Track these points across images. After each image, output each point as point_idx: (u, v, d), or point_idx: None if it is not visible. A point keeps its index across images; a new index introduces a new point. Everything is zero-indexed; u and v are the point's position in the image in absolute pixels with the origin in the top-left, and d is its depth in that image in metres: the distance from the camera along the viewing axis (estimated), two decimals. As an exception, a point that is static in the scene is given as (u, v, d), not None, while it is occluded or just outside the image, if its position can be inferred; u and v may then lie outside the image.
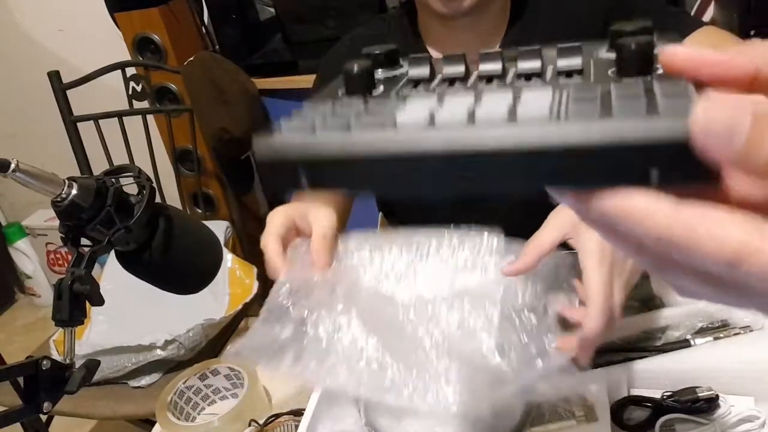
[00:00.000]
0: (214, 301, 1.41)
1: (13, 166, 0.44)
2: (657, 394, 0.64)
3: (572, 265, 0.57)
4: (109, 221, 0.49)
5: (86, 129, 1.56)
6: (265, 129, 0.23)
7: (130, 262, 0.53)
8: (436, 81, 0.28)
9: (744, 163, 0.19)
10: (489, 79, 0.27)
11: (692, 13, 1.46)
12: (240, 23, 1.76)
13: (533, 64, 0.26)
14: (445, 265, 0.60)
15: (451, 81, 0.27)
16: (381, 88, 0.28)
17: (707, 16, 1.43)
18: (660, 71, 0.23)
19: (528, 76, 0.26)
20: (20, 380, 0.50)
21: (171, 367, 1.28)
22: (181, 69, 1.56)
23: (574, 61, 0.26)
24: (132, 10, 1.68)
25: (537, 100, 0.22)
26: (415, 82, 0.28)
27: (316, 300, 0.55)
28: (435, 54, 0.92)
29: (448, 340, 0.52)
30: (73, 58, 2.01)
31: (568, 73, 0.26)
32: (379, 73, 0.29)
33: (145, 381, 1.26)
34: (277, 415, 0.75)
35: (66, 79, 1.53)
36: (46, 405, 0.50)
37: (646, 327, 0.71)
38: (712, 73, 0.21)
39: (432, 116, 0.22)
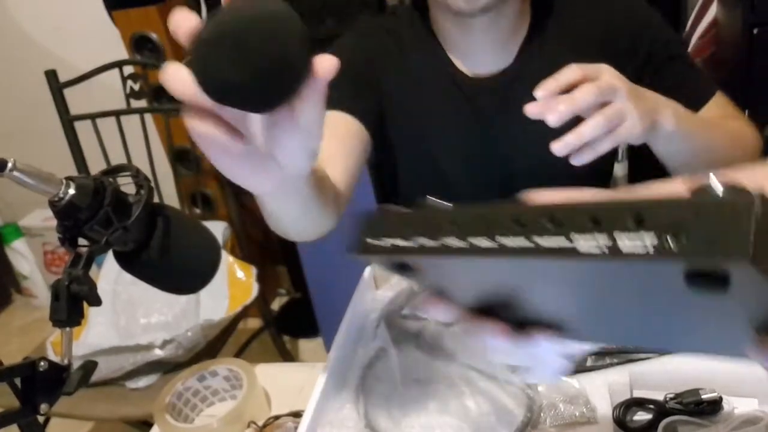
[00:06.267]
0: (213, 302, 1.40)
1: (10, 165, 0.44)
2: (660, 396, 0.63)
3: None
4: (107, 221, 0.48)
5: (83, 128, 1.55)
6: None
7: (128, 263, 0.53)
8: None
9: None
10: None
11: (695, 11, 1.46)
12: (238, 22, 1.75)
13: None
14: None
15: None
16: None
17: (710, 14, 1.43)
18: None
19: None
20: (17, 381, 0.49)
21: (169, 368, 1.27)
22: (179, 68, 1.55)
23: None
24: (130, 8, 1.67)
25: None
26: None
27: None
28: (451, 56, 0.88)
29: None
30: (70, 56, 2.00)
31: None
32: None
33: (143, 382, 1.26)
34: (277, 417, 0.74)
35: (63, 77, 1.53)
36: (43, 406, 0.49)
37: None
38: None
39: None
